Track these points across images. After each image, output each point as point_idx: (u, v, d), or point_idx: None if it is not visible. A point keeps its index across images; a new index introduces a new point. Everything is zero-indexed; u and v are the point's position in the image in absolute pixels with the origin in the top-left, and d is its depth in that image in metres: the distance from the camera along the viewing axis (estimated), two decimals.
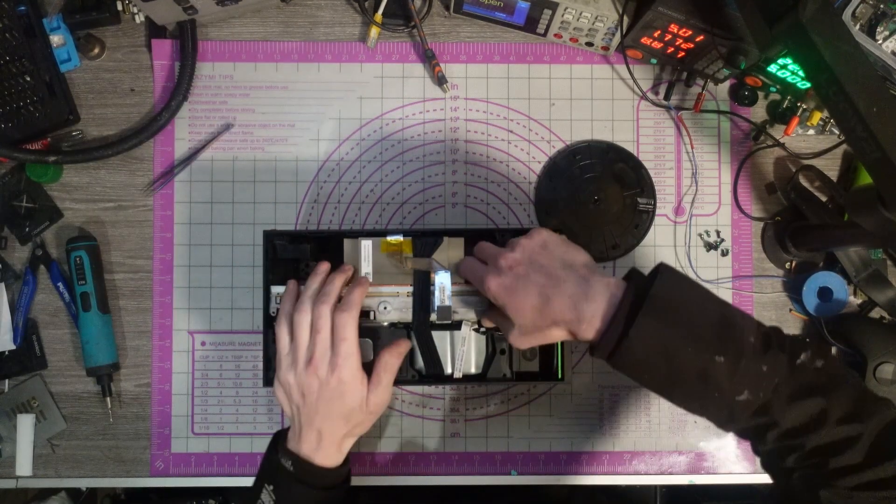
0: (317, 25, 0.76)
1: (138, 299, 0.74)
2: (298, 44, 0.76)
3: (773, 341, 0.49)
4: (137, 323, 0.74)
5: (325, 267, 0.62)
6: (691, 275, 0.75)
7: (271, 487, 0.59)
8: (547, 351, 0.67)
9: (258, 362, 0.74)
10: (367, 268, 0.64)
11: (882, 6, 0.63)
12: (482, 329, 0.64)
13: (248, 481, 0.73)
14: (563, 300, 0.52)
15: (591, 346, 0.53)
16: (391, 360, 0.60)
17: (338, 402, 0.58)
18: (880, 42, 0.63)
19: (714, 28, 0.64)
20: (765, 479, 0.65)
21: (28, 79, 0.71)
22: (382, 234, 0.64)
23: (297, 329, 0.59)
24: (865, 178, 0.73)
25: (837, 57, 0.50)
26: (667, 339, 0.48)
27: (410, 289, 0.63)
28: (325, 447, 0.59)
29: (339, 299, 0.60)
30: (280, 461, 0.60)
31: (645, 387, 0.52)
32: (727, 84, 0.75)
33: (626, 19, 0.69)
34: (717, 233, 0.75)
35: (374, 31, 0.73)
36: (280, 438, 0.62)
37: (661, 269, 0.52)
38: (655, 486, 0.96)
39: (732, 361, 0.48)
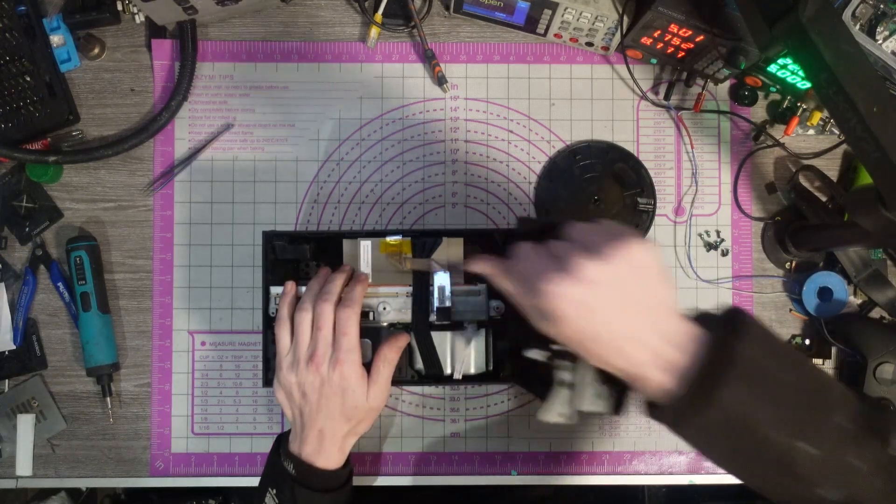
0: (317, 25, 0.76)
1: (138, 299, 0.74)
2: (298, 44, 0.75)
3: (872, 423, 0.43)
4: (137, 323, 0.74)
5: (325, 271, 0.63)
6: (691, 275, 0.75)
7: (274, 491, 0.59)
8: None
9: (258, 362, 0.74)
10: (366, 268, 0.64)
11: (882, 6, 0.63)
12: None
13: (248, 481, 0.73)
14: (636, 348, 0.44)
15: (649, 404, 0.46)
16: (390, 354, 0.60)
17: (339, 399, 0.58)
18: (880, 42, 0.63)
19: (714, 28, 0.64)
20: None
21: (28, 79, 0.71)
22: (382, 234, 0.64)
23: (298, 327, 0.59)
24: (865, 178, 0.72)
25: (837, 57, 0.49)
26: (749, 415, 0.42)
27: (410, 289, 0.63)
28: (327, 448, 0.59)
29: (340, 299, 0.60)
30: (282, 464, 0.60)
31: (709, 459, 0.46)
32: (727, 84, 0.75)
33: (626, 19, 0.69)
34: (717, 233, 0.75)
35: (374, 31, 0.73)
36: (282, 441, 0.62)
37: (744, 322, 0.44)
38: (644, 487, 0.95)
39: (817, 450, 0.42)
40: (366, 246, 0.64)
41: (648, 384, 0.45)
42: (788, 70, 0.67)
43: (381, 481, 0.74)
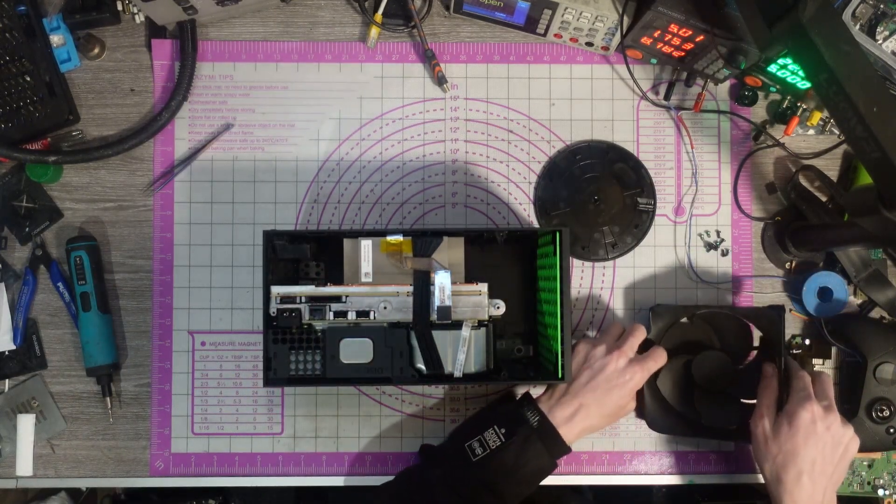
0: (317, 25, 0.76)
1: (138, 299, 0.74)
2: (298, 44, 0.76)
3: None
4: (137, 323, 0.74)
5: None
6: (691, 275, 0.75)
7: (503, 430, 0.63)
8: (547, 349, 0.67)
9: (258, 362, 0.74)
10: (367, 268, 0.64)
11: (882, 6, 0.63)
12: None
13: (248, 481, 0.73)
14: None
15: None
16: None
17: (612, 391, 0.64)
18: (880, 42, 0.63)
19: (714, 28, 0.64)
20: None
21: (28, 79, 0.71)
22: (382, 234, 0.64)
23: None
24: (865, 178, 0.73)
25: (837, 57, 0.50)
26: None
27: (410, 289, 0.63)
28: (577, 422, 0.64)
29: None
30: (523, 413, 0.64)
31: None
32: (727, 84, 0.75)
33: (626, 19, 0.69)
34: (717, 233, 0.75)
35: (374, 31, 0.73)
36: (527, 397, 0.66)
37: None
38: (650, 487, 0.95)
39: None
40: (366, 245, 0.64)
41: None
42: (788, 70, 0.68)
43: (382, 481, 0.74)
